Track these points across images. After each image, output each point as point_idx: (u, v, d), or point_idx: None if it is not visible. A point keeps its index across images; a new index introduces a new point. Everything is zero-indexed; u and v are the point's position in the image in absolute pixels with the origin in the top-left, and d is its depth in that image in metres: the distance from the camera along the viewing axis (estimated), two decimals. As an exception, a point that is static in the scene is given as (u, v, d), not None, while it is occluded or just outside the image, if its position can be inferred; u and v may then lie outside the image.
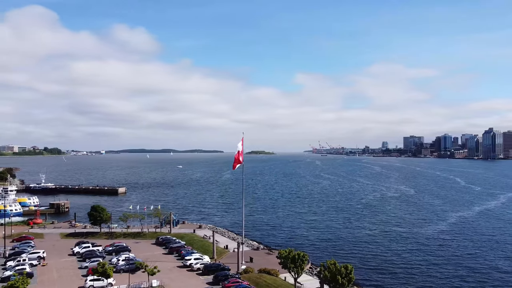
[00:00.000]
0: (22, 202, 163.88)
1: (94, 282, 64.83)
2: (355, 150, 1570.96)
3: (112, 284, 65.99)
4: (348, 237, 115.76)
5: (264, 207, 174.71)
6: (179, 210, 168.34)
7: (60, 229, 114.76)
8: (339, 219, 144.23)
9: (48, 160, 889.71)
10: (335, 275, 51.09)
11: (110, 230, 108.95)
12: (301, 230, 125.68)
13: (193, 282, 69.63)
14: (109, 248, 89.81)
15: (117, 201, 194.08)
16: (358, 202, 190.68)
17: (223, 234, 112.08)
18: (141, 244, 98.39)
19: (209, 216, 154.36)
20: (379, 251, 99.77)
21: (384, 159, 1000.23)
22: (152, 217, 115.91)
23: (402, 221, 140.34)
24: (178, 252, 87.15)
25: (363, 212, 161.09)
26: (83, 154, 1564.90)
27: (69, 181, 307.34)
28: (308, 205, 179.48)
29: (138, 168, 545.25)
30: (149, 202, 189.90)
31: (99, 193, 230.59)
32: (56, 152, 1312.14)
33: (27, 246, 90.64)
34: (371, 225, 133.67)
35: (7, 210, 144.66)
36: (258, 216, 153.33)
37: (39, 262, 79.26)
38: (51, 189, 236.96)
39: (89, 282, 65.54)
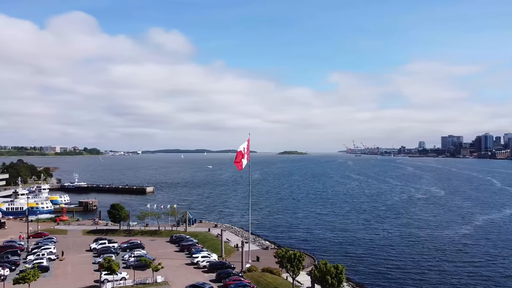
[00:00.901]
0: (54, 200, 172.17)
1: (108, 276, 68.03)
2: (390, 150, 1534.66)
3: (125, 279, 68.98)
4: (364, 239, 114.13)
5: (285, 208, 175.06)
6: (201, 209, 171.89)
7: (83, 226, 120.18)
8: (359, 221, 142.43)
9: (86, 160, 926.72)
10: (325, 275, 51.29)
11: (129, 227, 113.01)
12: (318, 231, 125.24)
13: (196, 279, 71.33)
14: (124, 245, 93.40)
15: (142, 200, 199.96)
16: (383, 203, 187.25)
17: (236, 233, 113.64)
18: (156, 242, 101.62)
19: (229, 215, 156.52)
20: (393, 254, 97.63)
21: (419, 160, 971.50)
22: (169, 216, 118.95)
23: (424, 224, 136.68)
24: (188, 250, 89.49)
25: (386, 214, 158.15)
26: (120, 154, 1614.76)
27: (101, 180, 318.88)
28: (330, 206, 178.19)
29: (170, 168, 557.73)
30: (173, 201, 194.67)
31: (128, 192, 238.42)
32: (95, 153, 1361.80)
33: (49, 241, 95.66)
34: (391, 227, 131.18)
35: (39, 207, 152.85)
36: (277, 216, 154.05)
37: (57, 257, 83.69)
38: (84, 188, 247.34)
39: (104, 276, 68.75)
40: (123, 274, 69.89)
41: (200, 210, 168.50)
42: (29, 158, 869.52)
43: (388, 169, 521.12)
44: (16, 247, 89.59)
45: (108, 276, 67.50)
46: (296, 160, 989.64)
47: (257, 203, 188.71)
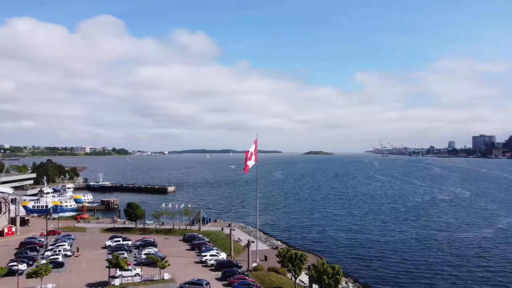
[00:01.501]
0: (78, 198, 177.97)
1: (123, 272, 70.45)
2: (418, 150, 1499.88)
3: (139, 275, 71.17)
4: (378, 241, 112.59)
5: (302, 208, 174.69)
6: (218, 209, 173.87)
7: (102, 224, 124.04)
8: (376, 222, 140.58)
9: (114, 160, 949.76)
10: (321, 275, 51.47)
11: (144, 226, 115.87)
12: (332, 232, 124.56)
13: (203, 277, 72.40)
14: (137, 242, 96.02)
15: (163, 199, 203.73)
16: (403, 205, 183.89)
17: (249, 233, 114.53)
18: (170, 240, 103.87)
19: (245, 215, 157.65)
20: (406, 257, 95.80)
21: (448, 160, 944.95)
22: (183, 215, 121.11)
23: (444, 226, 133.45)
24: (199, 249, 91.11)
25: (405, 215, 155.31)
26: (147, 154, 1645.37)
27: (125, 180, 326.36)
28: (348, 207, 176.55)
29: (194, 168, 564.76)
30: (192, 200, 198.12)
31: (150, 191, 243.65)
32: (123, 153, 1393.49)
33: (67, 238, 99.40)
34: (409, 229, 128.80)
35: (63, 205, 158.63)
36: (293, 216, 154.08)
37: (72, 253, 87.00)
38: (108, 187, 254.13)
39: (118, 272, 71.16)
40: (137, 270, 72.19)
41: (217, 210, 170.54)
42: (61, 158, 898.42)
43: (414, 169, 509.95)
44: (35, 243, 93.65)
45: (122, 272, 70.05)
46: (321, 160, 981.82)
47: (274, 204, 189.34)
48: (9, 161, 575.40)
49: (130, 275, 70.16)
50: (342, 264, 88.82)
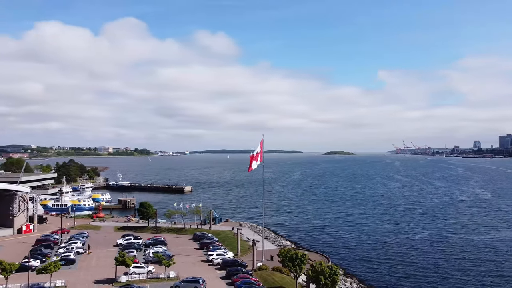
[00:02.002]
0: (96, 198, 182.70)
1: (136, 269, 72.32)
2: (442, 150, 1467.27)
3: (152, 272, 72.83)
4: (389, 242, 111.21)
5: (317, 209, 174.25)
6: (232, 208, 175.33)
7: (116, 223, 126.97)
8: (389, 224, 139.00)
9: (136, 160, 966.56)
10: (319, 275, 51.69)
11: (156, 225, 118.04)
12: (343, 233, 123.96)
13: (208, 275, 73.66)
14: (148, 241, 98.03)
15: (179, 199, 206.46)
16: (420, 206, 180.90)
17: (260, 232, 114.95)
18: (180, 239, 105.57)
19: (258, 215, 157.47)
20: (417, 260, 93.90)
21: (473, 160, 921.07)
22: (195, 215, 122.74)
23: (460, 228, 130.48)
24: (207, 248, 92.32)
25: (421, 217, 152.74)
26: (169, 154, 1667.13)
27: (144, 179, 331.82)
28: (363, 208, 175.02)
29: (213, 168, 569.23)
30: (207, 200, 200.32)
31: (167, 191, 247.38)
32: (145, 153, 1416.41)
33: (81, 236, 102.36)
34: (423, 230, 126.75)
35: (81, 204, 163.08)
36: (306, 217, 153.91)
37: (85, 251, 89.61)
38: (127, 186, 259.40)
39: (132, 268, 73.06)
40: (150, 267, 73.81)
41: (231, 210, 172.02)
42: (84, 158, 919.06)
43: (436, 170, 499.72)
44: (50, 240, 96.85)
45: (136, 269, 71.98)
46: (341, 160, 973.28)
47: (288, 204, 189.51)
48: (35, 161, 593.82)
49: (143, 272, 71.96)
50: (349, 265, 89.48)
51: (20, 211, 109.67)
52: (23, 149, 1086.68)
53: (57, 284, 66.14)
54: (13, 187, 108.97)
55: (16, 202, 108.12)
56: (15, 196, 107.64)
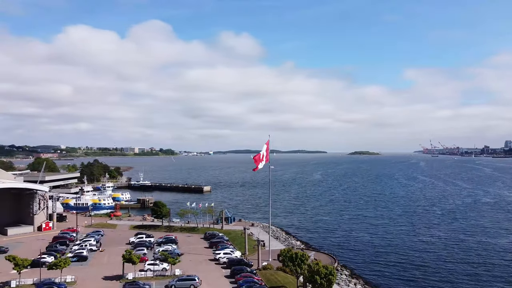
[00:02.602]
0: (116, 197, 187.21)
1: (151, 266, 74.40)
2: (471, 150, 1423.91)
3: (166, 269, 74.67)
4: (403, 244, 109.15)
5: (333, 209, 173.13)
6: (248, 208, 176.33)
7: (132, 222, 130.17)
8: (406, 225, 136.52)
9: (160, 160, 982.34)
10: (314, 275, 51.91)
11: (169, 224, 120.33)
12: (356, 234, 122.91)
13: (213, 274, 75.12)
14: (160, 239, 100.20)
15: (197, 199, 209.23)
16: (440, 207, 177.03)
17: (272, 232, 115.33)
18: (192, 238, 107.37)
19: (273, 216, 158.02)
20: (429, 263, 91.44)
21: (503, 161, 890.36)
22: (207, 214, 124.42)
23: (479, 231, 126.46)
24: (216, 246, 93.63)
25: (440, 218, 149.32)
26: (193, 154, 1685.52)
27: (165, 179, 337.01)
28: (380, 209, 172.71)
29: (235, 168, 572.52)
30: (225, 200, 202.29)
31: (186, 191, 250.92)
32: (170, 153, 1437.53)
33: (96, 234, 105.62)
34: (440, 233, 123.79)
35: (101, 203, 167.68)
36: (321, 217, 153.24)
37: (98, 248, 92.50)
38: (147, 186, 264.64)
39: (147, 266, 75.15)
40: (164, 265, 75.67)
41: (246, 209, 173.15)
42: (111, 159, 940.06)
43: (462, 170, 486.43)
44: (67, 238, 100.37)
45: (150, 266, 74.04)
46: (365, 160, 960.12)
47: (305, 204, 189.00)
48: (64, 161, 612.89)
49: (158, 269, 73.88)
50: (357, 267, 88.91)
51: (40, 209, 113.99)
52: (53, 149, 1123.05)
53: (67, 279, 68.70)
54: (33, 186, 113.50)
55: (36, 201, 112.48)
56: (35, 195, 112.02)
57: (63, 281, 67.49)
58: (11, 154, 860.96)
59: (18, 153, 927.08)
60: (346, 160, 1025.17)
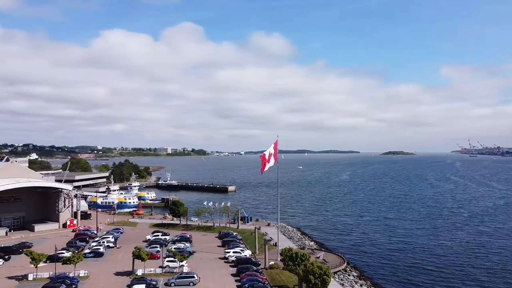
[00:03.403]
0: (142, 196, 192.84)
1: (169, 263, 77.00)
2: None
3: (183, 266, 77.13)
4: (421, 247, 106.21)
5: (354, 210, 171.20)
6: (269, 209, 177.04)
7: (152, 220, 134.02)
8: (428, 227, 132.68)
9: (192, 160, 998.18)
10: (308, 275, 52.28)
11: (187, 222, 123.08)
12: (374, 236, 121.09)
13: (220, 272, 76.65)
14: (175, 237, 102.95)
15: (219, 198, 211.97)
16: (469, 209, 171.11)
17: (285, 232, 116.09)
18: (207, 237, 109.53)
19: (292, 216, 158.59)
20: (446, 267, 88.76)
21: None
22: (224, 214, 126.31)
23: (506, 235, 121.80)
24: (228, 245, 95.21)
25: (466, 221, 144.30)
26: (224, 155, 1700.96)
27: (193, 179, 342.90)
28: (404, 211, 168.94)
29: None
30: (247, 200, 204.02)
31: (212, 190, 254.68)
32: (201, 153, 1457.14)
33: (115, 231, 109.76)
34: (463, 236, 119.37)
35: (127, 202, 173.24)
36: (340, 218, 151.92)
37: (114, 245, 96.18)
38: (174, 185, 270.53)
39: (166, 262, 77.82)
40: (182, 262, 77.94)
41: (266, 209, 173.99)
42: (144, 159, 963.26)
43: (499, 171, 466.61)
44: (87, 235, 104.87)
45: (169, 263, 76.60)
46: (398, 161, 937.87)
47: (326, 205, 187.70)
48: (100, 161, 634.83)
49: (175, 266, 76.18)
50: (369, 268, 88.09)
51: (65, 207, 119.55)
52: (90, 150, 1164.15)
53: (81, 274, 72.22)
54: (58, 185, 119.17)
55: (62, 199, 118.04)
56: (60, 193, 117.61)
57: (77, 276, 70.94)
58: (51, 155, 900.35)
59: (57, 154, 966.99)
60: (378, 160, 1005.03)
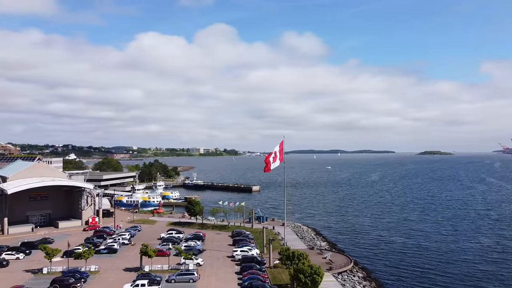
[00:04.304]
0: (166, 195, 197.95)
1: (187, 260, 79.43)
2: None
3: (200, 264, 79.40)
4: (438, 250, 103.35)
5: (376, 211, 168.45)
6: (288, 209, 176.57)
7: (171, 219, 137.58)
8: (450, 230, 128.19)
9: (223, 161, 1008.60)
10: (298, 274, 52.81)
11: (202, 221, 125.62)
12: (391, 237, 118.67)
13: (225, 269, 78.20)
14: (188, 236, 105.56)
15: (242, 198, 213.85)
16: (499, 212, 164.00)
17: (299, 232, 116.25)
18: (220, 235, 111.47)
19: (310, 216, 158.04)
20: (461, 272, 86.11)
21: None
22: (238, 213, 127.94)
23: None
24: (238, 244, 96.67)
25: (493, 224, 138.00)
26: (256, 155, 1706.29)
27: (219, 179, 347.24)
28: (428, 212, 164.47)
29: (292, 169, 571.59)
30: (268, 200, 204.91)
31: (236, 190, 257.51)
32: (233, 153, 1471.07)
33: (133, 229, 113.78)
34: (486, 239, 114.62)
35: (150, 201, 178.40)
36: (360, 219, 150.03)
37: (129, 242, 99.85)
38: (200, 185, 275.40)
39: (182, 259, 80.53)
40: (198, 260, 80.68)
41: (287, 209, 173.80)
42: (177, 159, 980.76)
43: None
44: (106, 232, 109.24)
45: (187, 260, 78.82)
46: (433, 161, 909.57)
47: (348, 206, 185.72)
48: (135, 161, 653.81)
49: (192, 263, 78.53)
50: (377, 270, 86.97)
51: (88, 205, 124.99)
52: (126, 150, 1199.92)
53: (91, 269, 75.85)
54: (80, 184, 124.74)
55: (84, 198, 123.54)
56: (83, 192, 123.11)
57: (87, 270, 74.56)
58: (89, 155, 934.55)
59: (95, 154, 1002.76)
60: (413, 160, 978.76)
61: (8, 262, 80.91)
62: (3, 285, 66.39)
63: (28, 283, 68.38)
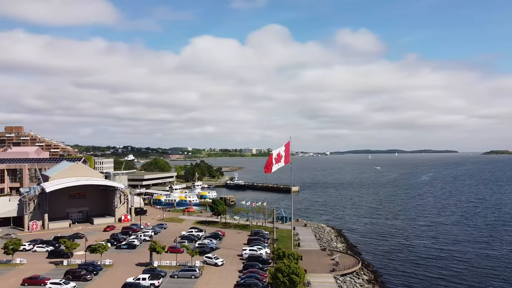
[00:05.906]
0: (203, 195, 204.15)
1: (207, 259, 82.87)
2: None
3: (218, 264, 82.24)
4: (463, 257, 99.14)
5: (410, 215, 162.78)
6: (320, 209, 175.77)
7: (199, 217, 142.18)
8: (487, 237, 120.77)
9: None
10: (276, 273, 53.78)
11: (225, 220, 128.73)
12: (415, 241, 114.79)
13: (230, 267, 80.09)
14: (207, 234, 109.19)
15: (278, 198, 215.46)
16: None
17: (320, 233, 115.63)
18: (240, 235, 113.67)
19: (338, 218, 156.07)
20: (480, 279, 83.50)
21: None
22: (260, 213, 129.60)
23: None
24: (251, 243, 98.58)
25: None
26: (309, 155, 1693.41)
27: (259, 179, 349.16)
28: (468, 216, 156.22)
29: (341, 169, 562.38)
30: (304, 201, 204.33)
31: (275, 190, 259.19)
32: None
33: (159, 227, 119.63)
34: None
35: (186, 200, 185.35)
36: (390, 221, 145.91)
37: (151, 239, 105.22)
38: (241, 185, 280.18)
39: (204, 258, 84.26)
40: (220, 259, 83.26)
41: (319, 211, 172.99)
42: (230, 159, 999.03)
43: None
44: (132, 229, 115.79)
45: (207, 259, 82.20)
46: (498, 161, 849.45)
47: (384, 208, 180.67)
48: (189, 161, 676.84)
49: (211, 260, 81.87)
50: (387, 273, 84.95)
51: (121, 203, 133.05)
52: (181, 151, 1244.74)
53: (106, 262, 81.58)
54: (112, 183, 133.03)
55: (117, 196, 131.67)
56: (116, 191, 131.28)
57: (102, 264, 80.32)
58: (146, 156, 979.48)
59: (152, 155, 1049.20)
60: (475, 160, 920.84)
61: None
62: (26, 274, 73.46)
63: (47, 273, 75.19)
